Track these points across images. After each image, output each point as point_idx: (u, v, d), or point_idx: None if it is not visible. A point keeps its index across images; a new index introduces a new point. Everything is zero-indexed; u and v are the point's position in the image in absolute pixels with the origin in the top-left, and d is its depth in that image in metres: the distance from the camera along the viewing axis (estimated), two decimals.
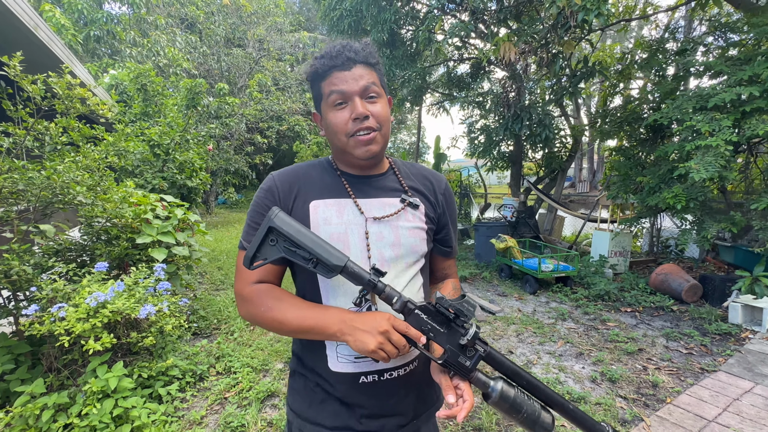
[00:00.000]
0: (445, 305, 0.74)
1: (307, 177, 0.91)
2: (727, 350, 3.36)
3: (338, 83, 0.82)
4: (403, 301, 0.75)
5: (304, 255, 0.75)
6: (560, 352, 3.39)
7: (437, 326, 0.75)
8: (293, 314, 0.79)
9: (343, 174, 0.92)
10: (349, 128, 0.82)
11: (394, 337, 0.72)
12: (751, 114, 4.19)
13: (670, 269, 4.77)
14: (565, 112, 8.48)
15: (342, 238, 0.85)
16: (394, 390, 0.88)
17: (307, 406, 0.90)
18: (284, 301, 0.82)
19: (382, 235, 0.87)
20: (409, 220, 0.91)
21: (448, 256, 1.05)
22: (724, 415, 2.45)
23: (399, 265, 0.88)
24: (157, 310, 2.30)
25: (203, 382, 2.75)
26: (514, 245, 5.44)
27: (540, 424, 0.71)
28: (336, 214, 0.86)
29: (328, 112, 0.85)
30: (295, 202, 0.87)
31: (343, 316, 0.77)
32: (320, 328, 0.77)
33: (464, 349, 0.74)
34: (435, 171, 1.05)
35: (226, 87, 11.14)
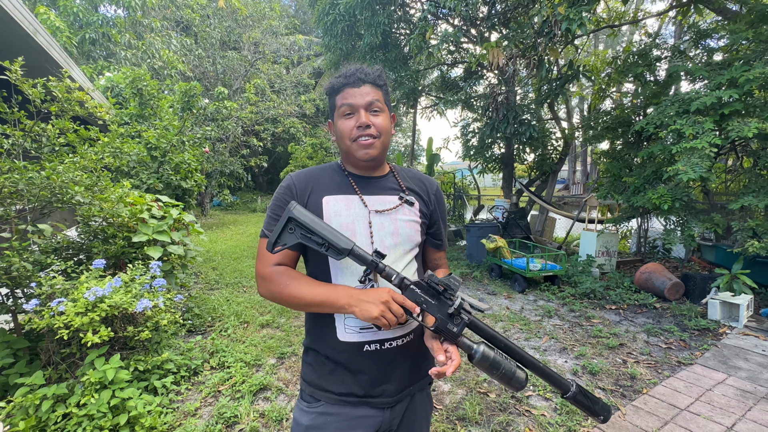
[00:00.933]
0: (435, 281, 0.89)
1: (320, 177, 1.07)
2: (705, 345, 3.49)
3: (348, 97, 1.00)
4: (400, 277, 0.90)
5: (318, 240, 0.90)
6: (545, 347, 3.50)
7: (429, 299, 0.90)
8: (308, 291, 0.95)
9: (350, 174, 1.09)
10: (354, 134, 0.99)
11: (393, 306, 0.87)
12: (731, 116, 4.35)
13: (653, 268, 4.91)
14: (557, 115, 8.64)
15: (350, 227, 1.00)
16: (393, 358, 1.02)
17: (318, 377, 1.04)
18: (300, 280, 0.97)
19: (383, 225, 1.03)
20: (405, 214, 1.07)
21: (439, 249, 1.22)
22: (696, 404, 2.57)
23: (397, 251, 1.03)
24: (153, 305, 2.38)
25: (197, 376, 2.83)
26: (503, 245, 5.56)
27: (515, 379, 0.85)
28: (345, 208, 1.02)
29: (338, 121, 1.02)
30: (310, 197, 1.03)
31: (350, 291, 0.92)
32: (331, 301, 0.92)
33: (452, 318, 0.88)
34: (428, 175, 1.25)
35: (225, 91, 11.21)
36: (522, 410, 2.53)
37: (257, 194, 18.89)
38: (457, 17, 6.87)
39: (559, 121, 8.73)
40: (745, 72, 4.23)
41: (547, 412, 2.50)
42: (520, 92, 8.21)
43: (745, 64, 4.47)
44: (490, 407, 2.57)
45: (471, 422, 2.40)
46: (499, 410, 2.54)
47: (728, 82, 4.46)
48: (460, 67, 8.92)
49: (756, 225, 4.12)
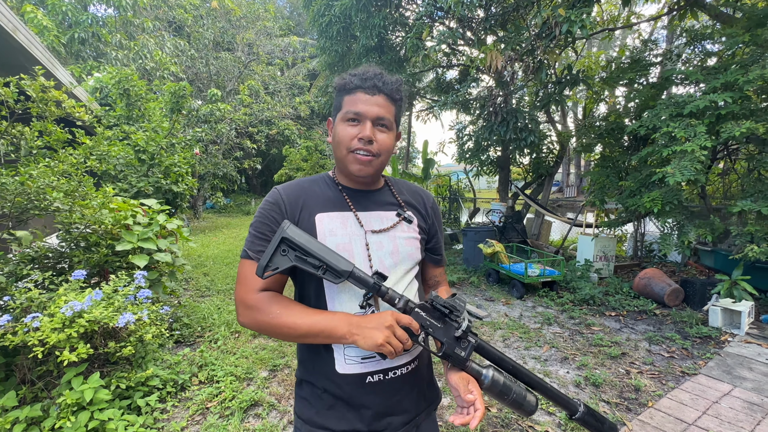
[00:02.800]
0: (439, 302, 0.84)
1: (310, 191, 0.97)
2: (707, 353, 3.42)
3: (358, 104, 0.90)
4: (404, 300, 0.83)
5: (314, 263, 0.82)
6: (546, 357, 3.41)
7: (434, 322, 0.84)
8: (303, 320, 0.85)
9: (344, 189, 0.99)
10: (353, 144, 0.90)
11: (398, 331, 0.80)
12: (726, 118, 4.32)
13: (653, 273, 4.86)
14: (552, 119, 8.61)
15: (347, 247, 0.92)
16: (399, 387, 0.95)
17: (315, 413, 0.94)
18: (292, 308, 0.87)
19: (382, 244, 0.95)
20: (405, 231, 1.00)
21: (439, 264, 1.14)
22: (704, 419, 2.49)
23: (398, 271, 0.96)
24: (136, 318, 2.25)
25: (185, 392, 2.69)
26: (501, 250, 5.48)
27: (527, 404, 0.82)
28: (340, 226, 0.94)
29: (340, 124, 0.92)
30: (301, 214, 0.93)
31: (350, 319, 0.84)
32: (329, 330, 0.83)
33: (459, 341, 0.83)
34: (423, 188, 1.16)
35: (218, 93, 11.04)
36: (525, 426, 2.43)
37: (251, 196, 18.68)
38: (454, 19, 6.81)
39: (554, 124, 8.70)
40: (742, 76, 4.20)
41: (551, 428, 2.40)
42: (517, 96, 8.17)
43: (741, 68, 4.45)
44: (491, 423, 2.46)
45: None
46: (501, 426, 2.43)
47: (722, 86, 4.44)
48: (455, 69, 8.87)
49: (755, 230, 4.08)
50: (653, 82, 6.11)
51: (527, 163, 8.93)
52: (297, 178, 1.16)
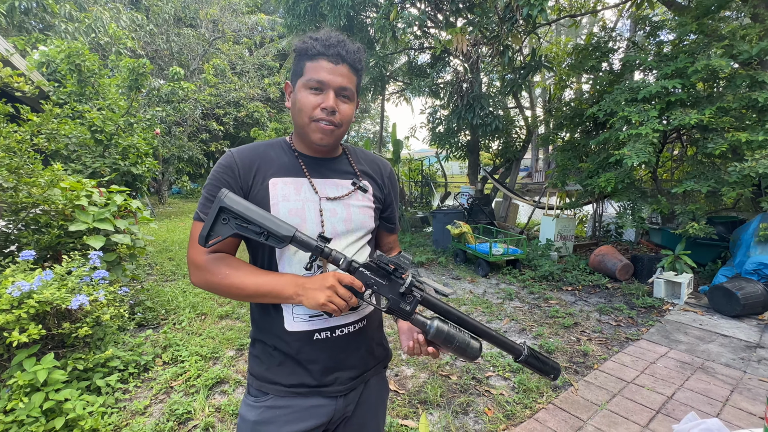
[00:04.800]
0: (384, 261, 0.86)
1: (266, 156, 0.96)
2: (650, 321, 3.72)
3: (321, 72, 0.89)
4: (347, 261, 0.85)
5: (255, 230, 0.83)
6: (505, 328, 3.61)
7: (380, 280, 0.87)
8: (250, 281, 0.87)
9: (300, 155, 0.99)
10: (315, 114, 0.90)
11: (340, 290, 0.82)
12: (675, 105, 4.59)
13: (606, 251, 5.17)
14: (521, 105, 8.82)
15: (300, 213, 0.93)
16: (345, 345, 0.98)
17: (265, 369, 0.98)
18: (241, 269, 0.89)
19: (336, 211, 0.97)
20: (359, 199, 1.01)
21: (393, 232, 1.18)
22: (641, 377, 2.74)
23: (350, 238, 0.99)
24: (91, 299, 2.20)
25: (148, 373, 2.67)
26: (468, 231, 5.65)
27: (470, 349, 0.87)
28: (294, 192, 0.94)
29: (301, 91, 0.91)
30: (255, 179, 0.93)
31: (296, 279, 0.86)
32: (276, 291, 0.86)
33: (404, 296, 0.86)
34: (381, 157, 1.17)
35: (181, 71, 10.49)
36: (482, 390, 2.59)
37: None
38: (424, 1, 6.76)
39: (522, 110, 8.92)
40: (689, 64, 4.46)
41: (506, 391, 2.57)
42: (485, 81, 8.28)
43: (689, 56, 4.72)
44: (451, 389, 2.61)
45: (432, 405, 2.42)
46: (459, 392, 2.58)
47: (673, 73, 4.70)
48: (427, 53, 8.86)
49: (696, 209, 4.41)
50: (615, 69, 6.37)
51: (496, 147, 9.14)
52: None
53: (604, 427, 2.20)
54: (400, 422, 2.24)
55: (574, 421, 2.26)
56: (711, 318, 3.78)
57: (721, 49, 4.46)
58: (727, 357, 3.03)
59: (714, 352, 3.10)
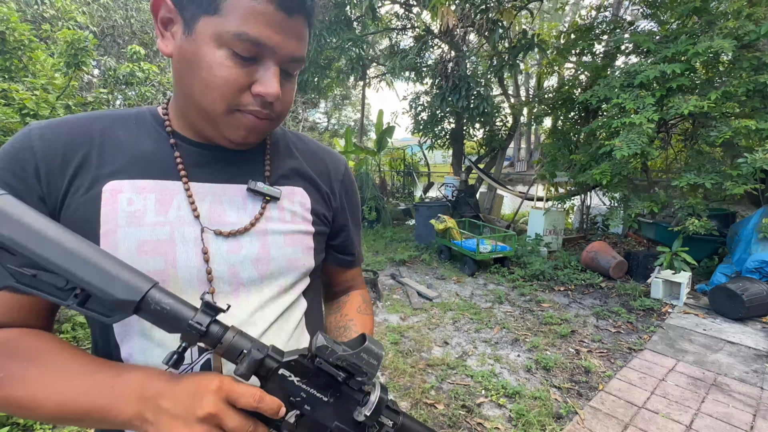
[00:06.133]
0: (330, 359, 0.44)
1: (107, 138, 0.54)
2: (651, 326, 3.42)
3: (263, 27, 0.47)
4: (254, 358, 0.43)
5: (56, 282, 0.40)
6: (496, 339, 3.23)
7: (318, 393, 0.46)
8: (52, 388, 0.45)
9: (180, 141, 0.57)
10: (240, 100, 0.51)
11: (229, 422, 0.42)
12: (675, 91, 4.27)
13: (599, 247, 4.88)
14: (506, 91, 8.44)
15: (162, 248, 0.52)
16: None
17: None
18: (37, 363, 0.46)
19: (240, 245, 0.56)
20: (284, 221, 0.60)
21: (351, 267, 0.77)
22: (653, 399, 2.40)
23: (266, 291, 0.58)
24: None
25: None
26: (453, 226, 5.25)
27: None
28: (155, 207, 0.53)
29: (212, 49, 0.48)
30: (75, 181, 0.51)
31: (147, 386, 0.45)
32: (102, 410, 0.44)
33: (362, 428, 0.48)
34: (332, 150, 0.71)
35: (141, 51, 9.57)
36: (473, 424, 2.19)
37: None
38: None
39: (508, 96, 8.55)
40: (691, 46, 4.13)
41: (501, 424, 2.18)
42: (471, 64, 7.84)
43: (690, 38, 4.39)
44: (438, 422, 2.20)
45: None
46: (448, 425, 2.18)
47: (672, 56, 4.37)
48: (409, 35, 8.33)
49: (696, 203, 4.13)
50: (604, 51, 6.02)
51: (481, 136, 8.77)
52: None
53: None
54: None
55: None
56: (714, 321, 3.51)
57: (725, 30, 4.14)
58: (740, 369, 2.74)
59: (724, 364, 2.81)
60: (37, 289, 0.40)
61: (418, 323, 3.50)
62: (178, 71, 0.52)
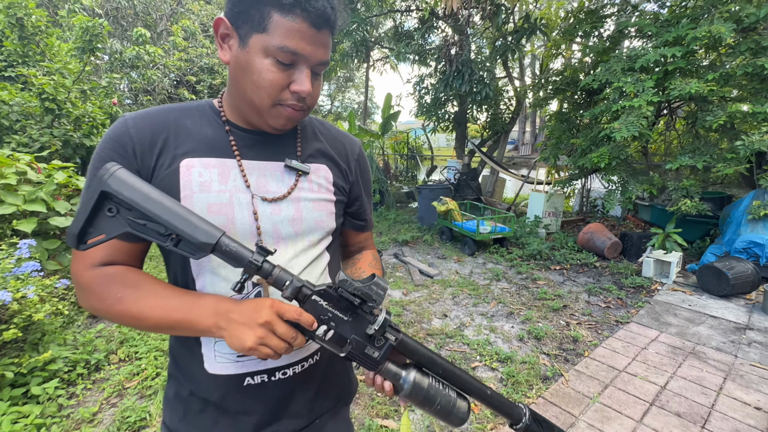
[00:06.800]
0: (349, 289, 0.61)
1: (178, 126, 0.70)
2: (639, 302, 3.62)
3: (299, 40, 0.62)
4: (295, 286, 0.60)
5: (158, 229, 0.57)
6: (492, 312, 3.45)
7: (340, 314, 0.63)
8: (154, 306, 0.62)
9: (234, 128, 0.72)
10: (282, 97, 0.66)
11: (279, 329, 0.58)
12: (673, 74, 4.33)
13: (595, 228, 5.03)
14: (510, 74, 8.43)
15: (224, 209, 0.68)
16: (289, 390, 0.75)
17: (179, 419, 0.74)
18: (141, 289, 0.64)
19: (280, 208, 0.72)
20: (313, 191, 0.77)
21: (363, 230, 0.94)
22: (633, 365, 2.61)
23: (300, 244, 0.74)
24: (19, 296, 1.88)
25: (99, 373, 2.40)
26: (454, 207, 5.42)
27: (455, 414, 0.66)
28: (218, 179, 0.69)
29: (262, 58, 0.63)
30: (160, 159, 0.67)
31: (219, 306, 0.62)
32: (189, 322, 0.62)
33: (372, 339, 0.64)
34: (349, 134, 0.88)
35: (146, 33, 9.58)
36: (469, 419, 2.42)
37: None
38: None
39: (512, 79, 8.54)
40: (692, 30, 4.17)
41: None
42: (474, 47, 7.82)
43: (692, 22, 4.42)
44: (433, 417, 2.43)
45: None
46: None
47: (674, 40, 4.41)
48: (414, 17, 8.29)
49: (690, 185, 4.26)
50: (608, 35, 6.03)
51: (484, 119, 8.81)
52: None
53: (597, 423, 2.07)
54: (380, 423, 2.06)
55: (565, 417, 2.12)
56: (699, 298, 3.70)
57: (725, 13, 4.17)
58: (718, 340, 2.94)
59: (704, 335, 3.01)
60: (146, 234, 0.58)
61: (419, 298, 3.72)
62: (234, 75, 0.67)
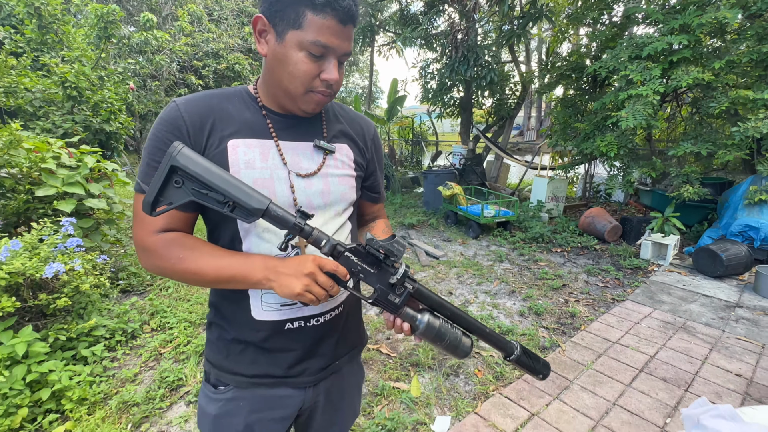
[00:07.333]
0: (375, 246, 0.74)
1: (222, 110, 0.79)
2: (636, 282, 3.80)
3: (329, 35, 0.72)
4: (332, 244, 0.73)
5: (218, 198, 0.68)
6: (495, 291, 3.65)
7: (367, 267, 0.76)
8: (211, 264, 0.74)
9: (269, 113, 0.82)
10: (315, 84, 0.76)
11: (320, 278, 0.71)
12: (678, 64, 4.39)
13: (596, 212, 5.18)
14: (516, 59, 8.42)
15: (267, 184, 0.79)
16: (319, 334, 0.89)
17: (224, 357, 0.88)
18: (198, 250, 0.76)
19: (311, 182, 0.84)
20: (338, 167, 0.88)
21: (376, 202, 1.06)
22: (626, 337, 2.81)
23: (328, 213, 0.86)
24: (68, 269, 2.08)
25: (136, 340, 2.63)
26: (459, 192, 5.57)
27: (460, 348, 0.80)
28: (260, 158, 0.79)
29: (296, 51, 0.73)
30: (209, 139, 0.77)
31: (267, 262, 0.74)
32: (243, 276, 0.74)
33: (394, 288, 0.77)
34: (365, 116, 1.01)
35: (153, 18, 9.61)
36: (472, 353, 2.63)
37: None
38: None
39: (518, 64, 8.53)
40: (698, 17, 4.21)
41: (495, 353, 2.62)
42: (480, 33, 7.82)
43: (698, 9, 4.45)
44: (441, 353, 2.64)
45: (424, 367, 2.46)
46: None
47: (680, 27, 4.45)
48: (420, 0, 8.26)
49: (691, 171, 4.38)
50: (616, 21, 6.03)
51: (489, 105, 8.85)
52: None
53: (590, 386, 2.28)
54: (392, 385, 2.28)
55: (561, 381, 2.33)
56: (694, 279, 3.88)
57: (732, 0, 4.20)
58: (708, 317, 3.12)
59: (695, 312, 3.20)
60: (207, 202, 0.69)
61: (425, 277, 3.92)
62: (271, 66, 0.77)
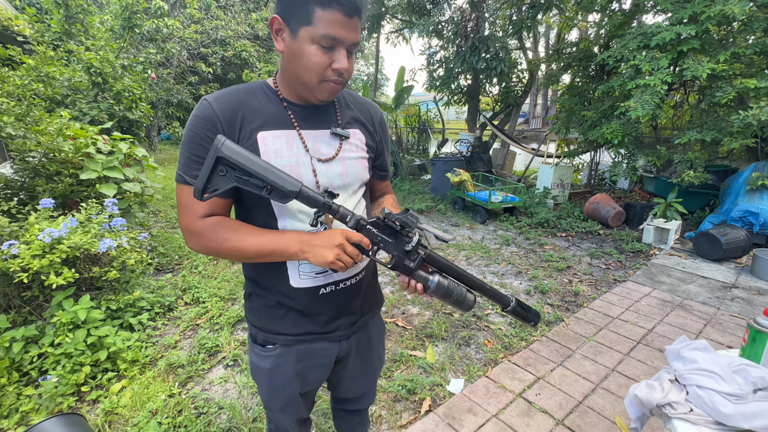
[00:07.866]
0: (392, 219, 0.86)
1: (248, 105, 0.87)
2: (637, 264, 3.98)
3: (337, 28, 0.78)
4: (356, 218, 0.86)
5: (257, 183, 0.78)
6: (503, 272, 3.84)
7: (386, 237, 0.88)
8: (252, 241, 0.85)
9: (289, 105, 0.91)
10: (327, 74, 0.83)
11: (348, 248, 0.83)
12: (687, 54, 4.47)
13: (601, 199, 5.33)
14: (523, 46, 8.44)
15: (294, 170, 0.89)
16: (347, 296, 1.03)
17: (268, 321, 1.01)
18: (240, 231, 0.86)
19: (331, 166, 0.94)
20: (353, 151, 0.98)
21: (385, 179, 1.18)
22: (626, 313, 3.01)
23: (346, 193, 0.97)
24: (117, 245, 2.29)
25: (172, 312, 2.86)
26: (467, 179, 5.73)
27: (465, 302, 0.93)
28: (286, 147, 0.89)
29: (309, 44, 0.80)
30: (241, 132, 0.85)
31: (301, 237, 0.85)
32: (281, 250, 0.85)
33: (409, 254, 0.89)
34: (372, 102, 1.10)
35: (165, 6, 9.66)
36: (482, 326, 2.84)
37: None
38: None
39: (526, 51, 8.56)
40: (707, 7, 4.27)
41: (503, 326, 2.83)
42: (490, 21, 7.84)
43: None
44: (454, 325, 2.86)
45: (438, 338, 2.68)
46: (462, 327, 2.83)
47: (689, 18, 4.51)
48: None
49: (695, 157, 4.50)
50: (625, 9, 6.06)
51: (496, 92, 8.90)
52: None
53: (591, 355, 2.48)
54: (409, 353, 2.49)
55: (564, 350, 2.53)
56: (693, 261, 4.05)
57: None
58: (705, 296, 3.31)
59: (693, 292, 3.38)
60: (248, 187, 0.78)
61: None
62: (288, 60, 0.84)
